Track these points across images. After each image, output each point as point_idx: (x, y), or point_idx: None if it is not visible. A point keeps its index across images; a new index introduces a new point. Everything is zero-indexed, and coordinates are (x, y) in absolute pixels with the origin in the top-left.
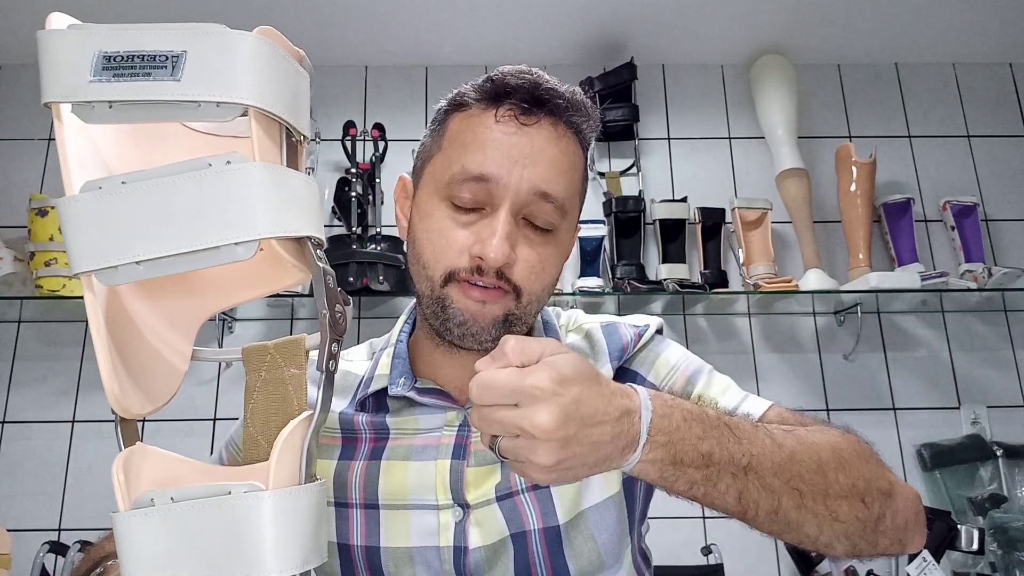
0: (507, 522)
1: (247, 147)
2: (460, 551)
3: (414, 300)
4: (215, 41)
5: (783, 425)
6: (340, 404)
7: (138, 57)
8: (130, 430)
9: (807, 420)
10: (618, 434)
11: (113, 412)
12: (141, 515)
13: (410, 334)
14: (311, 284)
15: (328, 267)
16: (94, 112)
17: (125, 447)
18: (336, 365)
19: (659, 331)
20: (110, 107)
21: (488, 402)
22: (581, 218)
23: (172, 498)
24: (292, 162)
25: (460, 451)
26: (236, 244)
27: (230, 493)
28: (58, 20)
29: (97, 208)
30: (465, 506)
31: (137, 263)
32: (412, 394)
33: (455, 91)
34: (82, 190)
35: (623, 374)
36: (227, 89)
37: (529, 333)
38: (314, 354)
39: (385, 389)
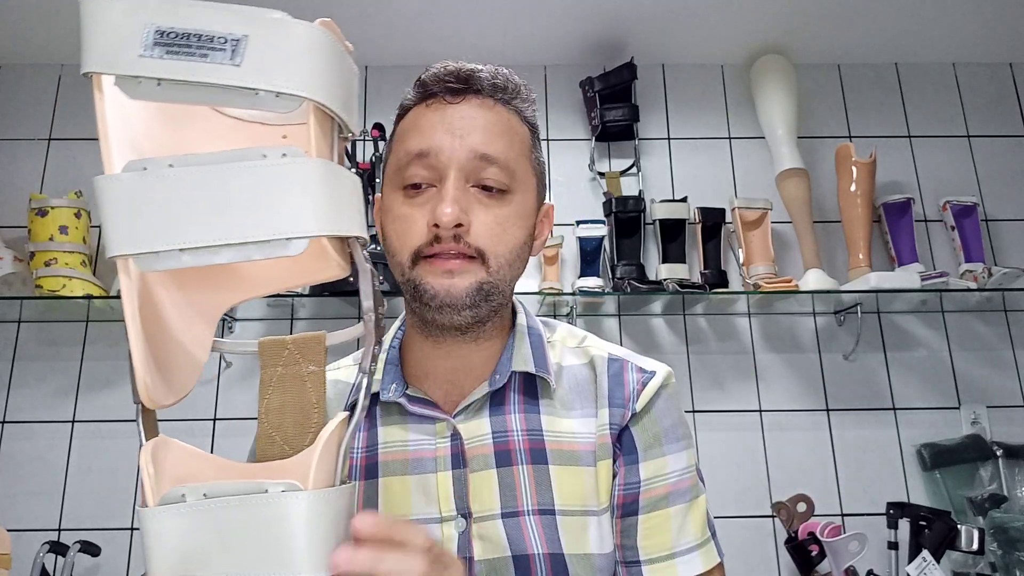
0: (509, 542)
1: (273, 136)
2: (465, 562)
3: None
4: (278, 29)
5: None
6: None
7: (194, 36)
8: (152, 421)
9: None
10: None
11: (137, 403)
12: (173, 511)
13: (402, 340)
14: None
15: (374, 267)
16: (140, 88)
17: (147, 439)
18: (375, 368)
19: (665, 384)
20: (159, 84)
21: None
22: (581, 218)
23: (205, 494)
24: (340, 160)
25: (459, 460)
26: (288, 239)
27: (267, 491)
28: None
29: (142, 190)
30: (468, 516)
31: (181, 250)
32: (403, 400)
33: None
34: (125, 170)
35: (624, 435)
36: (289, 80)
37: (513, 320)
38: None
39: (377, 395)
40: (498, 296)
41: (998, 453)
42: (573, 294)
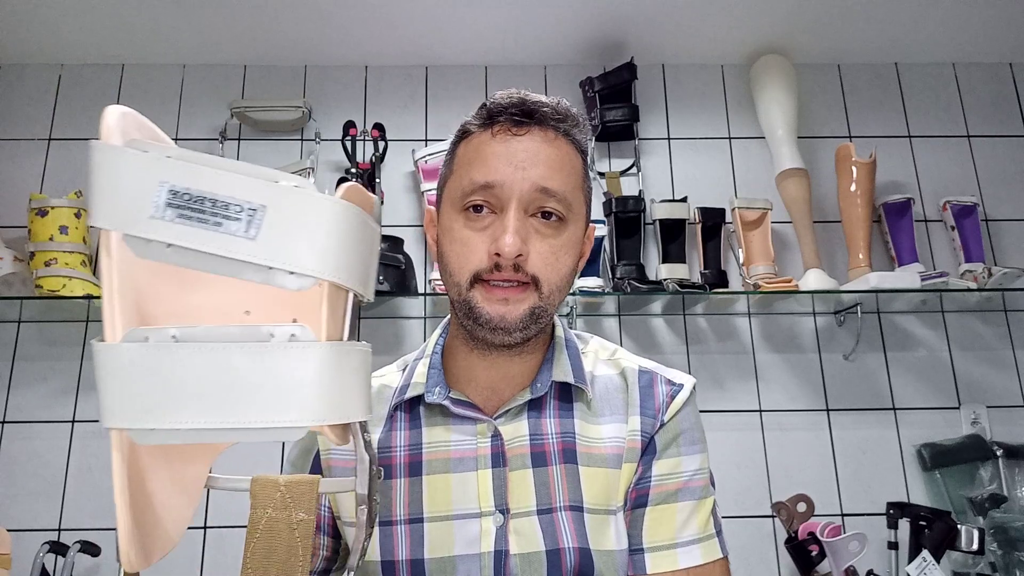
0: (544, 536)
1: (288, 303)
2: (501, 555)
3: (447, 316)
4: (298, 200)
5: None
6: (376, 425)
7: (209, 201)
8: None
9: None
10: None
11: (118, 561)
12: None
13: (444, 346)
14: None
15: (375, 452)
16: (149, 249)
17: None
18: (371, 533)
19: (691, 395)
20: (167, 247)
21: None
22: None
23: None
24: (352, 323)
25: (499, 459)
26: (288, 428)
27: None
28: (114, 117)
29: (144, 363)
30: (505, 511)
31: (178, 430)
32: (447, 403)
33: (460, 125)
34: (127, 339)
35: (650, 442)
36: (305, 259)
37: (551, 337)
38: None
39: (420, 397)
40: (546, 318)
41: (998, 453)
42: (573, 294)
